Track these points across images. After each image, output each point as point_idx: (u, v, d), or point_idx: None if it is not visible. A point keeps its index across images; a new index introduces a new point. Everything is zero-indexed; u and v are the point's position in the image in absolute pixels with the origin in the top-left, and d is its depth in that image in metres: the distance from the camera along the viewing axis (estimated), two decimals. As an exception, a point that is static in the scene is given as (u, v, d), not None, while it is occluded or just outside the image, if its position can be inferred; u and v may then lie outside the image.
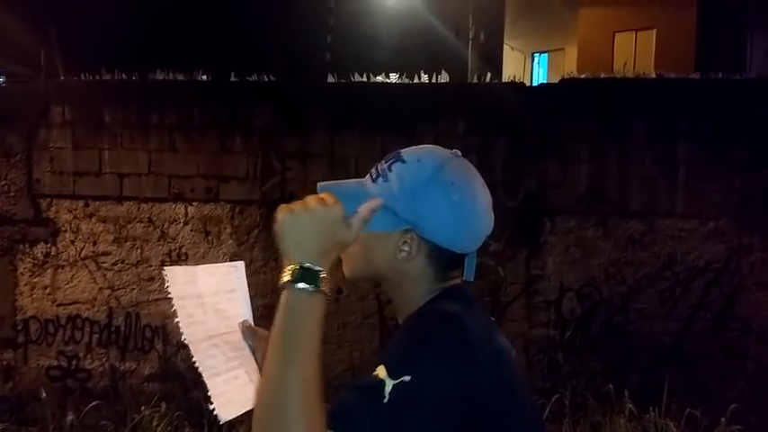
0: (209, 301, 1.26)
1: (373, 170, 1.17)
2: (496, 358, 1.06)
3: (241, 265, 1.35)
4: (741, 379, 5.05)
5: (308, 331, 0.97)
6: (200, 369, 1.23)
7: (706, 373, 5.08)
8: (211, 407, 1.21)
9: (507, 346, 1.14)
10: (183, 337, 1.23)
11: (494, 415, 1.01)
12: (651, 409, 4.59)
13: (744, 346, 5.12)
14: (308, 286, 0.98)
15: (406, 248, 1.12)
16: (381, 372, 0.96)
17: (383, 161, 1.17)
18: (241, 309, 1.31)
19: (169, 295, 1.22)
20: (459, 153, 1.17)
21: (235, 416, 1.21)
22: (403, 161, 1.14)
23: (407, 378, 0.94)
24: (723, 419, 4.50)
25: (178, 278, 1.24)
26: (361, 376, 1.01)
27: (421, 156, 1.14)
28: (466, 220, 1.12)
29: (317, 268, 0.99)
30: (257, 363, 1.27)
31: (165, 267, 1.25)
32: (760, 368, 5.05)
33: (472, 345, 1.00)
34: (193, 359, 1.23)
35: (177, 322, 1.22)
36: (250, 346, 1.29)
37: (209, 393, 1.22)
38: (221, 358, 1.22)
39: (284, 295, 0.99)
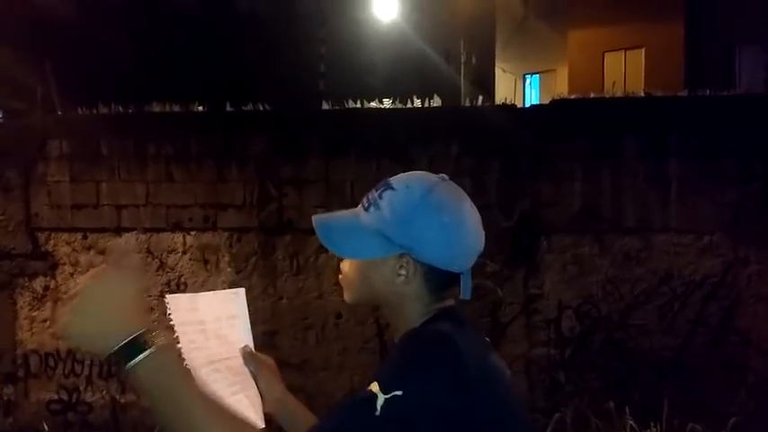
0: (211, 327, 1.28)
1: (365, 200, 1.21)
2: (489, 377, 1.08)
3: (242, 291, 1.37)
4: (742, 392, 5.04)
5: (179, 387, 0.98)
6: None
7: (707, 388, 5.07)
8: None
9: (502, 366, 1.16)
10: (185, 363, 1.25)
11: None
12: (653, 424, 4.59)
13: (744, 359, 5.13)
14: (143, 354, 0.96)
15: (404, 272, 1.15)
16: (375, 387, 0.98)
17: (374, 190, 1.20)
18: (242, 334, 1.33)
19: (171, 322, 1.24)
20: (447, 177, 1.21)
21: None
22: (392, 188, 1.17)
23: (399, 393, 0.96)
24: (725, 433, 4.50)
25: (180, 305, 1.26)
26: (356, 393, 1.03)
27: (409, 182, 1.18)
28: (457, 239, 1.15)
29: (135, 333, 0.97)
30: (258, 388, 1.30)
31: (167, 295, 1.27)
32: (761, 380, 5.05)
33: (465, 362, 1.02)
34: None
35: (180, 348, 1.24)
36: (251, 371, 1.31)
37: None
38: (223, 383, 1.24)
39: (134, 380, 0.96)
